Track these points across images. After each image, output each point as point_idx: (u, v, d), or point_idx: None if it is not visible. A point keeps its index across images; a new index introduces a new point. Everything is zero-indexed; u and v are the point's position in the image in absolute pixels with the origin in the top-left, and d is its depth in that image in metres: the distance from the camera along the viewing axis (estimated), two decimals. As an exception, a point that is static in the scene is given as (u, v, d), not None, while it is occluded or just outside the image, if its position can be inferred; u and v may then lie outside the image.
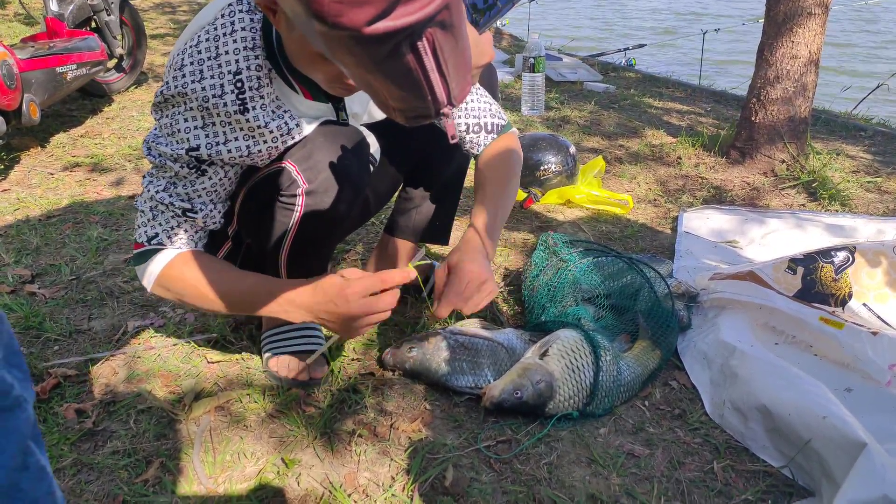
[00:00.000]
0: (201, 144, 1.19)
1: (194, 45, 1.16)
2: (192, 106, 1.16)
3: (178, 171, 1.22)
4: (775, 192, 2.60)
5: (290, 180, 1.27)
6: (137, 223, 1.27)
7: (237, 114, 1.18)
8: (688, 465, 1.28)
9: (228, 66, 1.16)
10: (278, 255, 1.36)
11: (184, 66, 1.15)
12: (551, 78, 4.21)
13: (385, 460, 1.28)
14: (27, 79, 2.61)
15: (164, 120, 1.19)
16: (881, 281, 1.62)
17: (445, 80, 0.87)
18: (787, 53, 2.64)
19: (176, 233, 1.26)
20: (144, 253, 1.26)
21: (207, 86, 1.15)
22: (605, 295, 1.64)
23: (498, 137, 1.51)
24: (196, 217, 1.26)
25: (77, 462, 1.26)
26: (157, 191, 1.23)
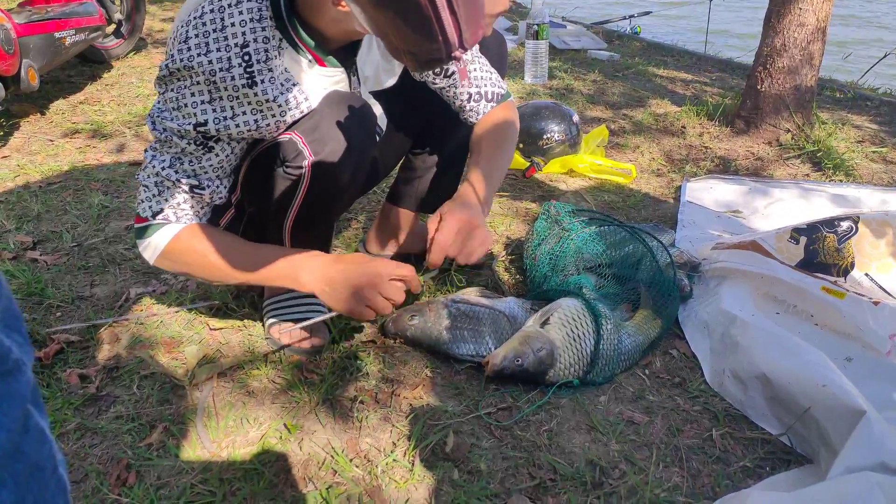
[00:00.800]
0: (209, 119, 1.17)
1: (198, 17, 1.14)
2: (199, 80, 1.14)
3: (185, 148, 1.20)
4: (780, 162, 2.58)
5: (295, 151, 1.26)
6: (141, 197, 1.26)
7: (245, 87, 1.16)
8: (686, 432, 1.29)
9: (235, 39, 1.14)
10: (283, 225, 1.36)
11: (188, 38, 1.13)
12: (555, 46, 4.16)
13: (386, 426, 1.29)
14: (25, 44, 2.58)
15: (170, 94, 1.17)
16: (884, 251, 1.62)
17: (458, 21, 0.87)
18: (794, 21, 2.60)
19: (182, 209, 1.25)
20: (149, 227, 1.26)
21: (214, 59, 1.13)
22: (607, 264, 1.64)
23: (497, 105, 1.50)
24: (203, 193, 1.25)
25: (81, 426, 1.27)
26: (162, 167, 1.22)
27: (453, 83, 1.46)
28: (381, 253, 1.81)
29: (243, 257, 1.25)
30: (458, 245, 1.30)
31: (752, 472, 1.20)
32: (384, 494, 1.14)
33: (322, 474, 1.18)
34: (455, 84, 1.46)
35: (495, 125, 1.50)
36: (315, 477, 1.17)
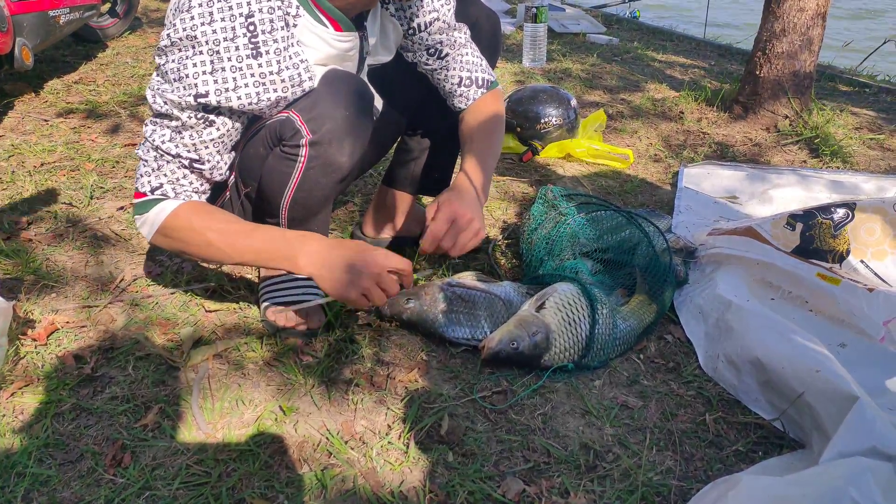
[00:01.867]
0: (210, 91, 1.16)
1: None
2: (202, 50, 1.13)
3: (186, 121, 1.19)
4: (777, 149, 2.58)
5: (293, 130, 1.25)
6: (140, 171, 1.25)
7: (249, 58, 1.15)
8: (680, 416, 1.30)
9: (240, 9, 1.13)
10: (279, 206, 1.35)
11: (192, 7, 1.12)
12: (553, 29, 4.13)
13: (382, 409, 1.29)
14: (19, 22, 2.55)
15: (170, 65, 1.16)
16: (879, 238, 1.62)
17: None
18: (794, 5, 2.59)
19: (182, 184, 1.25)
20: (147, 202, 1.25)
21: (218, 28, 1.12)
22: (603, 249, 1.64)
23: (487, 93, 1.50)
24: (203, 168, 1.25)
25: (76, 407, 1.27)
26: (162, 140, 1.21)
27: (445, 65, 1.46)
28: (377, 238, 1.81)
29: (241, 237, 1.25)
30: (451, 236, 1.30)
31: (745, 457, 1.21)
32: (379, 476, 1.14)
33: (317, 456, 1.18)
34: (447, 66, 1.46)
35: (487, 115, 1.50)
36: (310, 459, 1.18)
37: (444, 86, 1.50)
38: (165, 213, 1.24)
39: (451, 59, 1.47)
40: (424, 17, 1.40)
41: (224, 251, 1.25)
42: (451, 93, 1.50)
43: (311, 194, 1.34)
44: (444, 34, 1.44)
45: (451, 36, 1.46)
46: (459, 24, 1.47)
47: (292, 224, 1.39)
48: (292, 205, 1.35)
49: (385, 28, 1.40)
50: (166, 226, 1.24)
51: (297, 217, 1.38)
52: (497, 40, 1.61)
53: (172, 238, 1.26)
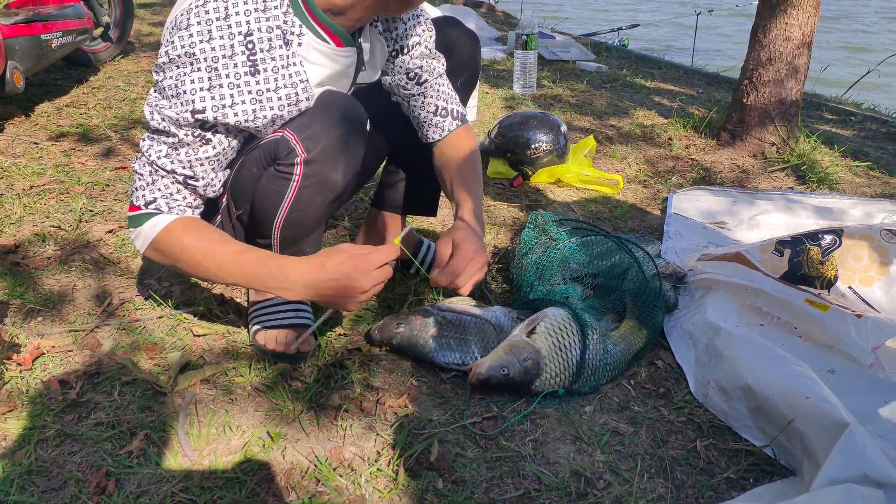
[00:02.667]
0: (207, 107, 1.16)
1: (201, 6, 1.14)
2: (200, 66, 1.14)
3: (183, 138, 1.20)
4: (764, 175, 2.61)
5: (287, 149, 1.26)
6: (135, 185, 1.26)
7: (247, 76, 1.17)
8: (671, 443, 1.30)
9: (239, 28, 1.15)
10: (272, 227, 1.35)
11: (190, 25, 1.13)
12: (544, 56, 4.18)
13: (371, 435, 1.28)
14: (11, 45, 2.56)
15: (168, 81, 1.17)
16: (867, 264, 1.63)
17: None
18: (780, 35, 2.63)
19: (175, 199, 1.26)
20: (140, 216, 1.25)
21: (217, 46, 1.14)
22: (593, 274, 1.65)
23: (462, 126, 1.54)
24: (197, 185, 1.25)
25: (60, 433, 1.25)
26: (158, 156, 1.22)
27: (423, 92, 1.48)
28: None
29: (230, 260, 1.24)
30: (466, 275, 1.33)
31: (736, 484, 1.21)
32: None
33: (305, 483, 1.17)
34: (425, 93, 1.49)
35: (469, 149, 1.53)
36: (298, 486, 1.16)
37: (418, 113, 1.52)
38: (158, 228, 1.24)
39: (429, 87, 1.50)
40: (409, 39, 1.43)
41: (215, 273, 1.25)
42: (424, 121, 1.52)
43: (305, 214, 1.34)
44: (424, 60, 1.47)
45: (431, 63, 1.48)
46: (438, 54, 1.50)
47: (284, 244, 1.38)
48: (285, 225, 1.34)
49: (373, 47, 1.41)
50: (158, 241, 1.25)
51: (290, 237, 1.37)
52: (476, 59, 1.63)
53: (164, 253, 1.27)
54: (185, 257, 1.25)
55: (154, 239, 1.25)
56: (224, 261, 1.24)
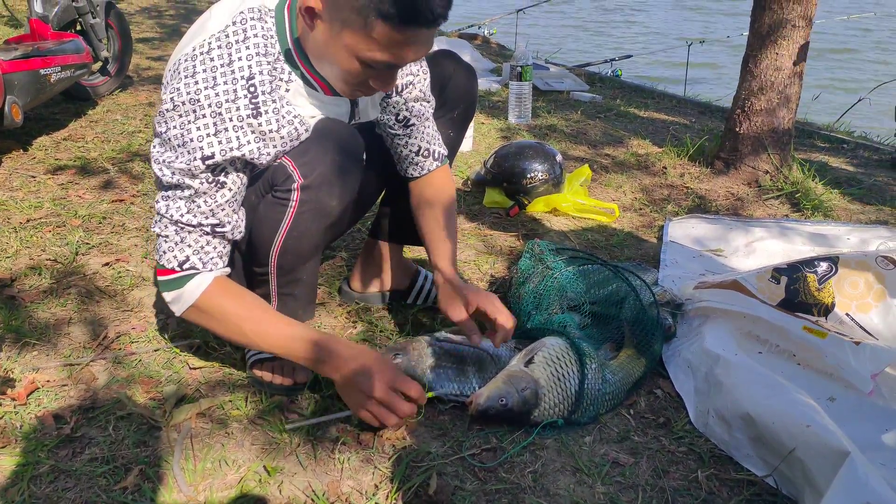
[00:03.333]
0: (216, 151, 1.18)
1: (206, 53, 1.17)
2: (205, 113, 1.16)
3: (198, 188, 1.21)
4: (759, 203, 2.62)
5: (285, 175, 1.27)
6: (162, 249, 1.25)
7: (250, 118, 1.19)
8: (672, 473, 1.28)
9: (241, 72, 1.17)
10: (269, 254, 1.35)
11: (196, 73, 1.16)
12: (538, 87, 4.22)
13: (369, 468, 1.26)
14: (10, 80, 2.58)
15: (173, 131, 1.17)
16: (863, 291, 1.63)
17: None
18: (771, 65, 2.67)
19: (207, 252, 1.26)
20: (178, 279, 1.26)
21: (221, 91, 1.16)
22: (590, 303, 1.64)
23: (441, 166, 1.56)
24: (225, 231, 1.26)
25: (55, 469, 1.23)
26: (180, 213, 1.22)
27: (408, 133, 1.50)
28: (365, 292, 1.80)
29: (272, 332, 1.27)
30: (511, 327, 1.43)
31: (739, 515, 1.19)
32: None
33: (302, 518, 1.15)
34: (409, 135, 1.50)
35: (449, 195, 1.57)
36: (295, 521, 1.14)
37: (400, 151, 1.53)
38: (200, 291, 1.26)
39: (415, 129, 1.51)
40: (402, 79, 1.44)
41: (254, 342, 1.28)
42: (405, 158, 1.54)
43: (301, 241, 1.34)
44: (416, 102, 1.48)
45: (421, 107, 1.49)
46: (430, 97, 1.51)
47: (281, 273, 1.38)
48: (282, 252, 1.35)
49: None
50: (199, 305, 1.27)
51: (286, 266, 1.37)
52: (472, 92, 1.64)
53: (202, 316, 1.28)
54: (227, 325, 1.28)
55: (195, 303, 1.26)
56: (267, 332, 1.27)
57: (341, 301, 1.83)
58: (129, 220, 2.25)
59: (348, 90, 1.25)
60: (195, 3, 6.33)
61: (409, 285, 1.79)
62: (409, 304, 1.80)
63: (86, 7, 3.31)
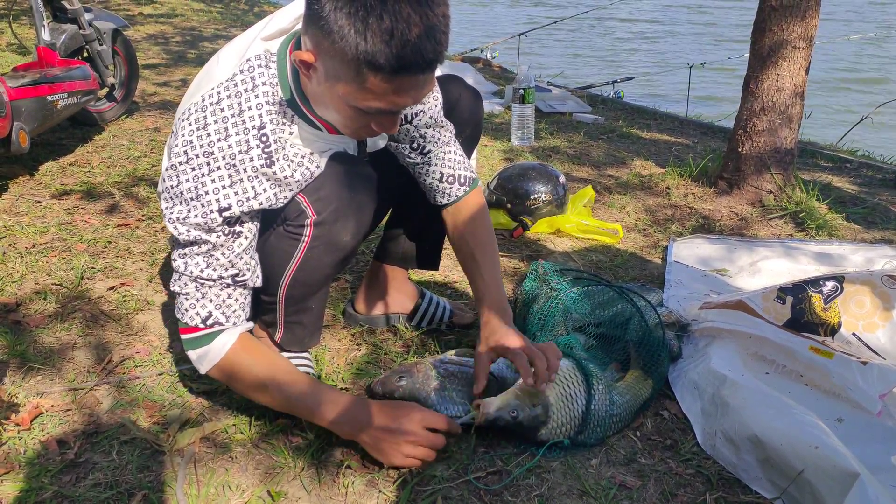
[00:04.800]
0: (232, 203, 1.18)
1: (216, 103, 1.17)
2: (219, 165, 1.16)
3: (215, 242, 1.21)
4: (763, 222, 2.62)
5: (298, 210, 1.28)
6: (183, 307, 1.25)
7: (264, 167, 1.19)
8: (680, 496, 1.27)
9: (252, 122, 1.17)
10: (278, 285, 1.35)
11: (208, 124, 1.16)
12: (541, 109, 4.25)
13: (373, 492, 1.25)
14: (17, 107, 2.61)
15: (186, 185, 1.17)
16: (870, 310, 1.63)
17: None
18: (772, 86, 2.68)
19: (229, 305, 1.26)
20: (203, 337, 1.26)
21: (234, 143, 1.16)
22: (595, 324, 1.64)
23: (470, 192, 1.52)
24: (246, 279, 1.27)
25: (58, 495, 1.23)
26: (199, 269, 1.22)
27: (427, 161, 1.48)
28: (370, 315, 1.80)
29: (297, 394, 1.28)
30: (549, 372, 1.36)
31: (748, 538, 1.18)
32: (370, 565, 1.10)
33: (306, 544, 1.14)
34: (429, 162, 1.48)
35: (482, 221, 1.52)
36: (299, 547, 1.13)
37: (424, 180, 1.50)
38: (223, 352, 1.26)
39: (434, 157, 1.48)
40: (412, 109, 1.42)
41: (280, 404, 1.30)
42: (430, 187, 1.50)
43: (313, 274, 1.35)
44: (429, 129, 1.45)
45: (436, 132, 1.46)
46: (445, 122, 1.48)
47: (289, 302, 1.38)
48: (292, 283, 1.35)
49: None
50: (225, 364, 1.27)
51: (296, 296, 1.38)
52: (478, 116, 1.63)
53: (228, 375, 1.29)
54: (253, 385, 1.28)
55: (220, 362, 1.27)
56: (291, 394, 1.28)
57: (346, 323, 1.83)
58: (135, 244, 2.26)
59: (351, 133, 1.24)
60: (201, 31, 6.40)
61: (413, 308, 1.79)
62: (414, 326, 1.79)
63: (93, 34, 3.35)
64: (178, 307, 1.27)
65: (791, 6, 2.59)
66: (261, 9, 8.22)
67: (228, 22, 6.98)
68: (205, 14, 7.15)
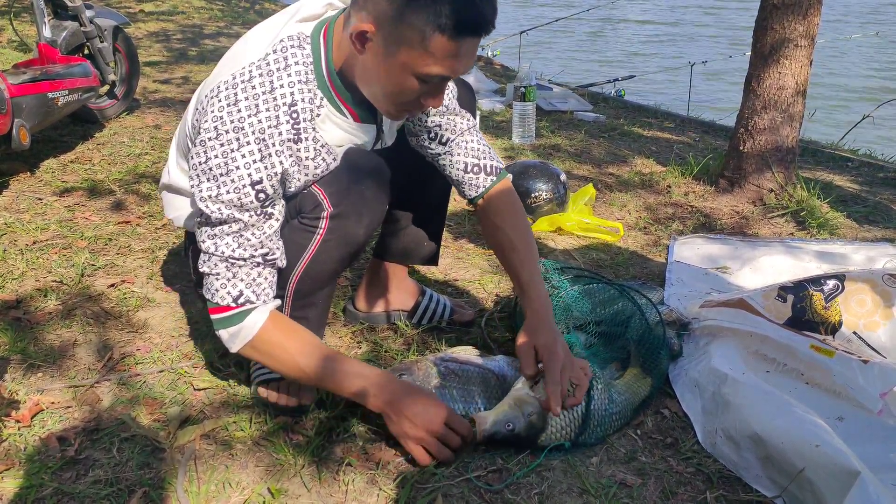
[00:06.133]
0: (263, 178, 1.19)
1: (247, 81, 1.18)
2: (249, 140, 1.17)
3: (247, 221, 1.21)
4: (764, 221, 2.62)
5: (314, 203, 1.29)
6: (213, 287, 1.25)
7: (290, 142, 1.21)
8: (680, 494, 1.27)
9: (283, 99, 1.19)
10: (288, 278, 1.35)
11: (238, 101, 1.17)
12: (542, 107, 4.24)
13: (374, 490, 1.25)
14: (18, 104, 2.60)
15: (215, 160, 1.18)
16: (871, 309, 1.62)
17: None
18: (774, 84, 2.67)
19: (259, 284, 1.27)
20: (234, 316, 1.26)
21: (263, 118, 1.18)
22: (596, 322, 1.64)
23: (498, 181, 1.51)
24: (276, 258, 1.27)
25: (58, 491, 1.23)
26: (231, 249, 1.23)
27: (449, 150, 1.48)
28: (370, 312, 1.80)
29: (327, 367, 1.29)
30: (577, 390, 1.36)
31: (748, 536, 1.18)
32: (370, 562, 1.10)
33: (306, 541, 1.14)
34: (451, 152, 1.48)
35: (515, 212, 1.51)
36: (299, 544, 1.13)
37: (450, 172, 1.51)
38: (258, 327, 1.26)
39: (455, 145, 1.48)
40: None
41: (309, 377, 1.30)
42: (457, 179, 1.51)
43: (324, 268, 1.35)
44: (443, 117, 1.46)
45: (452, 120, 1.47)
46: (463, 112, 1.49)
47: (297, 296, 1.39)
48: (302, 277, 1.35)
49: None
50: (258, 342, 1.27)
51: (304, 290, 1.38)
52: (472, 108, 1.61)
53: (261, 353, 1.29)
54: (285, 360, 1.29)
55: (253, 340, 1.27)
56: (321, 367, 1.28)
57: (346, 321, 1.83)
58: (135, 241, 2.26)
59: (395, 111, 1.26)
60: (202, 28, 6.40)
61: (414, 305, 1.79)
62: (415, 324, 1.79)
63: (94, 32, 3.35)
64: (208, 288, 1.27)
65: (793, 4, 2.58)
66: (262, 6, 8.21)
67: (230, 19, 6.98)
68: (206, 11, 7.14)
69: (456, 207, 2.57)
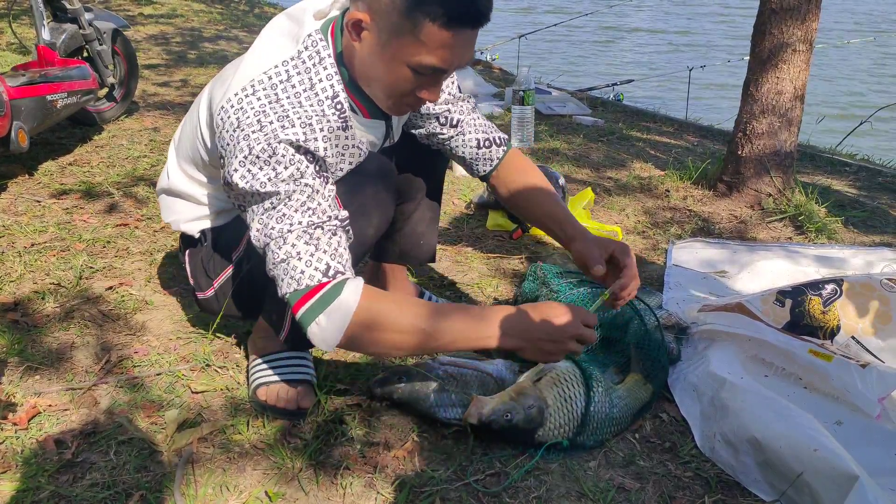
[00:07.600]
0: (310, 148, 1.15)
1: (286, 80, 1.18)
2: (294, 123, 1.15)
3: (313, 185, 1.16)
4: (762, 225, 2.62)
5: None
6: (294, 274, 1.14)
7: (339, 129, 1.22)
8: (679, 499, 1.27)
9: (325, 93, 1.20)
10: None
11: (279, 98, 1.17)
12: (540, 111, 4.25)
13: (371, 493, 1.25)
14: (17, 106, 2.60)
15: (258, 146, 1.13)
16: (869, 314, 1.62)
17: None
18: (772, 89, 2.68)
19: (341, 254, 1.17)
20: (327, 293, 1.13)
21: (308, 108, 1.18)
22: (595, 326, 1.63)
23: (508, 150, 1.56)
24: (348, 222, 1.22)
25: (55, 494, 1.22)
26: (300, 223, 1.14)
27: (461, 131, 1.51)
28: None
29: (442, 325, 1.18)
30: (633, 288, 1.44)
31: (747, 541, 1.18)
32: (368, 566, 1.10)
33: (304, 545, 1.14)
34: (463, 132, 1.51)
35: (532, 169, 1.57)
36: (297, 547, 1.13)
37: (462, 153, 1.53)
38: (358, 297, 1.14)
39: (465, 125, 1.52)
40: None
41: (437, 341, 1.18)
42: (470, 158, 1.54)
43: None
44: (450, 104, 1.49)
45: (459, 105, 1.51)
46: (464, 96, 1.53)
47: None
48: None
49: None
50: (363, 315, 1.14)
51: None
52: None
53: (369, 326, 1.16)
54: (397, 327, 1.16)
55: (357, 313, 1.14)
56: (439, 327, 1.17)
57: (344, 324, 1.82)
58: (133, 244, 2.25)
59: (394, 105, 1.25)
60: (201, 31, 6.40)
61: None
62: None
63: (93, 34, 3.35)
64: (291, 277, 1.14)
65: (791, 9, 2.59)
66: (261, 10, 8.22)
67: (229, 23, 6.98)
68: (205, 15, 7.15)
69: (454, 211, 2.57)
